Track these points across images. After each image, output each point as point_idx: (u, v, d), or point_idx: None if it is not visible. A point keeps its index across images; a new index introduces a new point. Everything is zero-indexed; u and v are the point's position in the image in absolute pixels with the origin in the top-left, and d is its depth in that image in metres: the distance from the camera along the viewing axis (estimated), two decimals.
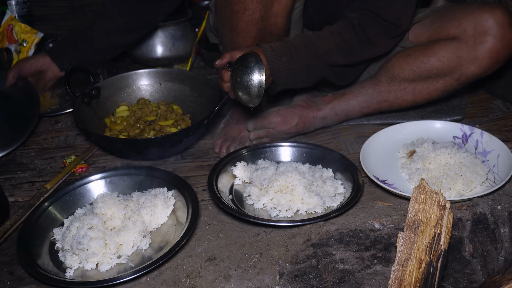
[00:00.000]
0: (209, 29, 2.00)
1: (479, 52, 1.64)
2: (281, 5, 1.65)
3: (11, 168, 1.79)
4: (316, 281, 1.25)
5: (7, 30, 2.46)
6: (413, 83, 1.75)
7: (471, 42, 1.64)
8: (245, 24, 1.65)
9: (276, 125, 1.78)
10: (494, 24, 1.61)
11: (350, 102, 1.83)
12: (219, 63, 1.60)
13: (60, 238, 1.41)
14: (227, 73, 1.55)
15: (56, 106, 2.18)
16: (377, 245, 1.32)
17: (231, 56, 1.60)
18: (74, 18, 3.12)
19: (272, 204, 1.49)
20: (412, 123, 1.76)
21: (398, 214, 1.41)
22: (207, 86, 1.88)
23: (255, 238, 1.40)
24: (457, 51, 1.66)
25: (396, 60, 1.75)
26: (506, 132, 1.82)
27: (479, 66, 1.66)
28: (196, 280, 1.27)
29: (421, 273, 1.00)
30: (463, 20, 1.65)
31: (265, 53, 1.60)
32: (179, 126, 1.83)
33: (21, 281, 1.33)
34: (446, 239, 1.04)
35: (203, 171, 1.73)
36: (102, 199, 1.45)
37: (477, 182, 1.50)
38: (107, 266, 1.32)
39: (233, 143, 1.79)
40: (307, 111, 1.81)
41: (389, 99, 1.80)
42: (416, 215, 1.06)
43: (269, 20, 1.66)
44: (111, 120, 1.87)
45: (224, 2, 1.68)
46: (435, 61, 1.69)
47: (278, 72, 1.62)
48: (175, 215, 1.48)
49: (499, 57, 1.65)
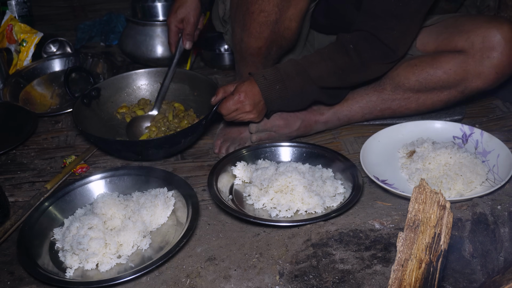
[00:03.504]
0: (217, 18, 1.98)
1: (485, 67, 1.63)
2: (296, 9, 1.65)
3: (11, 168, 1.79)
4: (316, 281, 1.25)
5: (7, 30, 2.46)
6: (418, 93, 1.75)
7: (478, 56, 1.63)
8: (259, 26, 1.66)
9: (279, 128, 1.78)
10: (501, 39, 1.60)
11: (353, 108, 1.83)
12: (214, 100, 1.67)
13: (60, 238, 1.41)
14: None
15: (56, 106, 2.18)
16: (377, 245, 1.32)
17: (224, 90, 1.64)
18: (74, 18, 3.13)
19: (272, 204, 1.49)
20: (412, 123, 1.76)
21: (398, 214, 1.41)
22: (207, 85, 1.88)
23: (255, 238, 1.40)
24: (463, 65, 1.66)
25: (403, 69, 1.74)
26: (506, 132, 1.81)
27: (484, 81, 1.66)
28: (196, 280, 1.27)
29: (421, 273, 1.00)
30: (471, 33, 1.64)
31: (258, 82, 1.62)
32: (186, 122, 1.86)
33: (21, 281, 1.33)
34: (446, 239, 1.04)
35: (203, 171, 1.73)
36: (102, 199, 1.45)
37: (477, 182, 1.50)
38: (107, 266, 1.32)
39: (232, 143, 1.79)
40: (310, 115, 1.81)
41: (392, 107, 1.79)
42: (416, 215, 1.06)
43: (283, 24, 1.67)
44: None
45: (239, 0, 1.68)
46: (442, 74, 1.68)
47: (271, 100, 1.65)
48: (175, 215, 1.48)
49: (504, 73, 1.65)
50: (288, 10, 1.64)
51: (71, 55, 2.41)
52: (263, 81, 1.62)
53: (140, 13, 2.42)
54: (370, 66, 1.66)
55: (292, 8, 1.64)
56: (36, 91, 2.27)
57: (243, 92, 1.61)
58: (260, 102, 1.65)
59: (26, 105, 2.13)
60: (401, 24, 1.58)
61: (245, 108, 1.63)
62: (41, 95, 2.26)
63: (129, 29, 2.46)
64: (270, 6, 1.62)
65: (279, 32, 1.68)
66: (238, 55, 1.82)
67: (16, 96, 2.19)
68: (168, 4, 2.39)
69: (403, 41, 1.64)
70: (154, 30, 2.38)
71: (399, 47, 1.64)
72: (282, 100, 1.66)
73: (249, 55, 1.76)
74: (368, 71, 1.68)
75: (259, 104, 1.65)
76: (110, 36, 2.74)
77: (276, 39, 1.70)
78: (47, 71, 2.35)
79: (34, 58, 2.39)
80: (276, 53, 1.77)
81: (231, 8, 1.78)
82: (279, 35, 1.69)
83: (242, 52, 1.77)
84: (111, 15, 2.84)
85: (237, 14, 1.71)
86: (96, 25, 2.82)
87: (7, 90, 2.20)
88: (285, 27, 1.68)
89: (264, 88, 1.62)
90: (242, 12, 1.68)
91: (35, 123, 2.00)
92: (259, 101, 1.64)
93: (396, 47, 1.63)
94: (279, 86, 1.63)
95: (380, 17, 1.58)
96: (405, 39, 1.64)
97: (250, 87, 1.62)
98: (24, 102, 2.17)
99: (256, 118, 1.69)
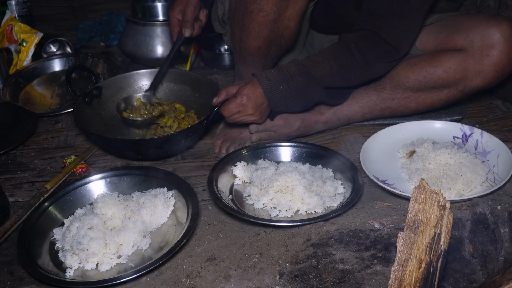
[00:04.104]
0: (216, 19, 1.99)
1: (484, 66, 1.64)
2: (295, 9, 1.65)
3: (11, 168, 1.79)
4: (316, 281, 1.25)
5: (7, 30, 2.46)
6: (417, 92, 1.75)
7: (477, 55, 1.63)
8: (258, 25, 1.66)
9: (279, 128, 1.78)
10: (500, 38, 1.60)
11: (353, 108, 1.83)
12: (216, 100, 1.67)
13: (60, 238, 1.41)
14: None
15: (56, 106, 2.18)
16: (377, 245, 1.32)
17: (226, 92, 1.63)
18: (74, 18, 3.13)
19: (272, 204, 1.49)
20: (412, 123, 1.76)
21: (398, 214, 1.41)
22: (209, 86, 1.88)
23: (255, 238, 1.40)
24: (463, 63, 1.66)
25: (402, 68, 1.74)
26: (506, 132, 1.82)
27: (484, 79, 1.66)
28: (196, 280, 1.27)
29: (421, 273, 1.00)
30: (471, 32, 1.64)
31: (262, 83, 1.62)
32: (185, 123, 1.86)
33: (21, 281, 1.33)
34: (446, 239, 1.04)
35: (203, 171, 1.73)
36: (102, 199, 1.45)
37: (477, 182, 1.50)
38: (107, 266, 1.32)
39: (233, 143, 1.79)
40: (310, 115, 1.81)
41: (392, 106, 1.80)
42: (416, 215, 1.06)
43: (282, 23, 1.67)
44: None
45: (238, 0, 1.69)
46: (441, 73, 1.69)
47: (275, 100, 1.65)
48: (175, 215, 1.48)
49: (504, 71, 1.65)
50: (286, 10, 1.64)
51: (71, 55, 2.41)
52: (267, 82, 1.62)
53: (140, 13, 2.42)
54: (373, 65, 1.66)
55: (290, 8, 1.64)
56: (36, 91, 2.27)
57: (245, 95, 1.61)
58: (262, 104, 1.65)
59: (26, 105, 2.14)
60: (403, 22, 1.58)
61: (247, 111, 1.63)
62: (41, 95, 2.26)
63: (129, 29, 2.46)
64: (269, 6, 1.62)
65: (278, 32, 1.68)
66: (238, 55, 1.82)
67: (16, 96, 2.19)
68: (168, 4, 2.39)
69: (405, 39, 1.64)
70: (154, 30, 2.38)
71: (401, 45, 1.64)
72: (285, 100, 1.65)
73: (248, 55, 1.76)
74: (371, 70, 1.68)
75: (262, 106, 1.65)
76: (110, 36, 2.74)
77: (275, 38, 1.70)
78: (47, 71, 2.35)
79: (34, 58, 2.40)
80: (276, 52, 1.77)
81: (229, 8, 1.78)
82: (278, 34, 1.69)
83: (242, 52, 1.77)
84: (111, 15, 2.85)
85: (236, 14, 1.71)
86: (96, 25, 2.82)
87: (7, 90, 2.20)
88: (284, 27, 1.68)
89: (267, 89, 1.62)
90: (241, 12, 1.68)
91: (35, 123, 2.00)
92: (262, 103, 1.64)
93: (399, 45, 1.63)
94: (282, 86, 1.63)
95: (382, 16, 1.58)
96: (407, 37, 1.64)
97: (252, 89, 1.62)
98: (24, 102, 2.17)
99: (258, 120, 1.69)
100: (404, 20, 1.58)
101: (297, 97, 1.66)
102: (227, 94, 1.66)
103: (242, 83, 1.66)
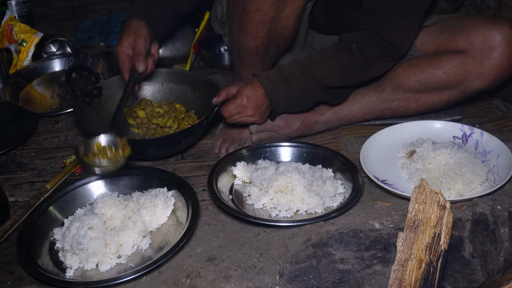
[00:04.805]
0: (215, 20, 1.98)
1: (485, 68, 1.63)
2: (293, 8, 1.65)
3: (11, 168, 1.79)
4: (316, 281, 1.25)
5: (7, 30, 2.46)
6: (418, 93, 1.75)
7: (478, 56, 1.63)
8: (256, 25, 1.66)
9: (279, 129, 1.78)
10: (501, 40, 1.60)
11: (353, 108, 1.83)
12: (216, 100, 1.66)
13: (60, 238, 1.41)
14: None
15: (56, 106, 2.18)
16: (377, 245, 1.32)
17: (227, 92, 1.63)
18: (74, 18, 3.13)
19: (272, 204, 1.49)
20: (412, 123, 1.76)
21: (398, 214, 1.41)
22: (209, 87, 1.88)
23: (255, 238, 1.40)
24: (464, 65, 1.66)
25: (403, 69, 1.74)
26: (506, 132, 1.82)
27: (485, 81, 1.66)
28: (196, 280, 1.27)
29: (421, 273, 1.00)
30: (472, 33, 1.64)
31: (262, 84, 1.62)
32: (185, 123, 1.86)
33: (21, 281, 1.33)
34: (446, 239, 1.04)
35: (203, 171, 1.73)
36: (102, 199, 1.45)
37: (477, 182, 1.50)
38: (107, 266, 1.32)
39: (232, 143, 1.79)
40: (310, 115, 1.81)
41: (392, 107, 1.80)
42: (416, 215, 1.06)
43: (280, 22, 1.67)
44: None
45: (235, 0, 1.68)
46: (442, 74, 1.68)
47: (276, 101, 1.65)
48: (175, 215, 1.48)
49: (505, 73, 1.65)
50: (284, 9, 1.64)
51: (71, 55, 2.41)
52: (268, 83, 1.62)
53: None
54: (374, 64, 1.66)
55: (288, 7, 1.64)
56: (36, 91, 2.27)
57: (246, 96, 1.61)
58: (263, 105, 1.65)
59: (26, 105, 2.13)
60: (404, 21, 1.58)
61: (247, 111, 1.63)
62: (41, 95, 2.25)
63: None
64: (266, 5, 1.62)
65: (276, 31, 1.68)
66: (237, 55, 1.82)
67: (16, 96, 2.19)
68: None
69: (406, 38, 1.64)
70: None
71: (402, 44, 1.64)
72: (286, 101, 1.65)
73: (247, 55, 1.76)
74: (372, 69, 1.68)
75: (262, 107, 1.65)
76: (110, 36, 2.74)
77: (273, 38, 1.70)
78: (47, 71, 2.35)
79: (34, 58, 2.39)
80: (274, 52, 1.77)
81: (227, 8, 1.78)
82: (276, 34, 1.69)
83: (240, 52, 1.77)
84: (111, 15, 2.84)
85: (234, 14, 1.71)
86: (96, 25, 2.82)
87: (7, 90, 2.19)
88: (282, 26, 1.68)
89: (268, 89, 1.62)
90: (239, 12, 1.68)
91: (35, 123, 2.00)
92: (262, 104, 1.64)
93: (399, 44, 1.63)
94: (283, 87, 1.63)
95: (382, 15, 1.58)
96: (408, 36, 1.64)
97: (253, 90, 1.62)
98: (24, 102, 2.17)
99: (259, 121, 1.69)
100: (404, 19, 1.58)
101: (298, 97, 1.66)
102: (227, 94, 1.66)
103: (243, 83, 1.66)
